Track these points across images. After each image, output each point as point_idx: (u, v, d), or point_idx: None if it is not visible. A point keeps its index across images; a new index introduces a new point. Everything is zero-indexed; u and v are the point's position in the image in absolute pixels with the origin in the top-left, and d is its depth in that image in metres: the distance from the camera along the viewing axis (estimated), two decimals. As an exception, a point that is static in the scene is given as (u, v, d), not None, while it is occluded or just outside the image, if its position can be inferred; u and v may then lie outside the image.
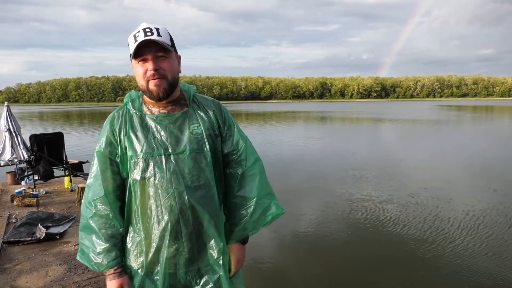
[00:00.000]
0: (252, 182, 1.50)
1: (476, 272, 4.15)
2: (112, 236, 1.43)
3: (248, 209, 1.48)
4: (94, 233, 1.42)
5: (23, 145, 7.00)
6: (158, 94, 1.39)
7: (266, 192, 1.52)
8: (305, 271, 4.35)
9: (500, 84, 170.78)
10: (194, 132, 1.44)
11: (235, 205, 1.50)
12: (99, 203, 1.42)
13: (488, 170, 9.61)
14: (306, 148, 14.06)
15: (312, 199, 7.15)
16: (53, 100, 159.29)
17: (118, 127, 1.44)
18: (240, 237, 1.50)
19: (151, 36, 1.34)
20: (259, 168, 1.54)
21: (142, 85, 1.40)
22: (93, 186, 1.44)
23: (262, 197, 1.49)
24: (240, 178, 1.50)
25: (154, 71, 1.36)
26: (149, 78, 1.37)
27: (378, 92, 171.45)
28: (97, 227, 1.42)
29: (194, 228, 1.41)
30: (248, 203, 1.48)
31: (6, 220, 4.84)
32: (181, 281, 1.44)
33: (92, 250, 1.42)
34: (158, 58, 1.37)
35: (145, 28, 1.36)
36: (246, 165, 1.51)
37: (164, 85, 1.39)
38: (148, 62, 1.37)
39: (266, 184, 1.53)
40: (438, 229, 5.45)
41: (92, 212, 1.42)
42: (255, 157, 1.55)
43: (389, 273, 4.27)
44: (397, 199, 6.99)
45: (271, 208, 1.50)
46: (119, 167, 1.44)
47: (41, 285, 3.21)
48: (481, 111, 45.74)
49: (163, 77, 1.38)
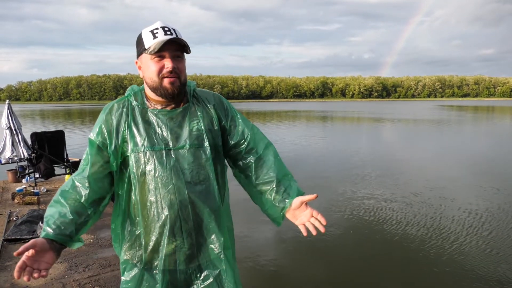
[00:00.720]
0: (267, 167, 1.47)
1: (481, 271, 4.14)
2: (77, 213, 1.34)
3: (272, 191, 1.44)
4: (62, 206, 1.34)
5: (24, 143, 7.01)
6: (173, 91, 1.38)
7: (284, 174, 1.48)
8: (306, 271, 4.34)
9: (501, 84, 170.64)
10: (194, 128, 1.43)
11: (260, 193, 1.47)
12: (79, 182, 1.38)
13: (492, 170, 9.60)
14: (309, 147, 14.05)
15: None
16: (54, 98, 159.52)
17: (117, 119, 1.42)
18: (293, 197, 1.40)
19: (171, 35, 1.34)
20: (272, 152, 1.51)
21: (155, 82, 1.38)
22: (81, 168, 1.42)
23: (281, 179, 1.46)
24: (254, 166, 1.48)
25: (172, 69, 1.35)
26: (165, 75, 1.36)
27: (379, 92, 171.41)
28: (65, 201, 1.35)
29: (194, 224, 1.40)
30: (269, 186, 1.45)
31: (7, 218, 4.84)
32: (181, 277, 1.44)
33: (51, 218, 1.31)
34: (175, 58, 1.37)
35: (163, 27, 1.35)
36: (258, 152, 1.49)
37: (178, 84, 1.38)
38: (165, 60, 1.36)
39: (282, 166, 1.50)
40: (442, 228, 5.44)
41: (67, 187, 1.38)
42: (266, 142, 1.52)
43: (393, 272, 4.26)
44: (401, 198, 6.98)
45: (292, 188, 1.45)
46: (109, 158, 1.41)
47: (42, 283, 3.21)
48: (482, 112, 45.68)
49: (177, 77, 1.38)
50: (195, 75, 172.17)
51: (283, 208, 1.42)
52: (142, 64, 1.41)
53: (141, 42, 1.39)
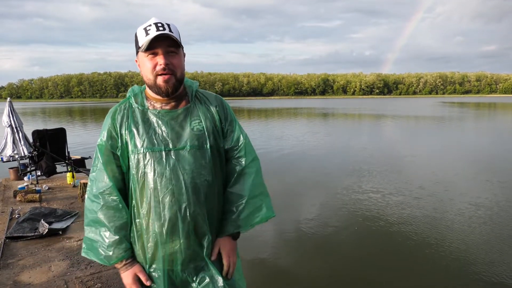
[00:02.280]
0: (246, 180, 1.50)
1: (491, 267, 4.13)
2: (121, 228, 1.41)
3: (239, 206, 1.47)
4: (102, 226, 1.40)
5: (25, 141, 7.01)
6: (167, 89, 1.38)
7: (259, 192, 1.51)
8: (310, 268, 4.33)
9: (503, 81, 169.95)
10: (195, 129, 1.43)
11: (228, 201, 1.50)
12: (107, 195, 1.40)
13: (498, 165, 9.57)
14: (313, 143, 14.03)
15: (319, 193, 7.13)
16: (55, 96, 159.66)
17: (119, 121, 1.43)
18: (228, 232, 1.49)
19: (164, 31, 1.33)
20: (256, 167, 1.54)
21: (150, 79, 1.39)
22: (98, 179, 1.42)
23: (254, 197, 1.49)
24: (236, 175, 1.50)
25: (165, 66, 1.35)
26: (159, 73, 1.36)
27: (380, 89, 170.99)
28: (106, 220, 1.39)
29: (193, 225, 1.40)
30: (239, 200, 1.47)
31: (9, 216, 4.85)
32: (180, 277, 1.44)
33: (101, 244, 1.39)
34: (168, 54, 1.36)
35: (156, 23, 1.34)
36: (244, 162, 1.51)
37: (173, 81, 1.38)
38: (158, 56, 1.35)
39: (260, 184, 1.53)
40: (449, 224, 5.41)
41: (100, 205, 1.40)
42: (253, 156, 1.55)
43: (397, 268, 4.24)
44: (409, 193, 6.97)
45: (261, 209, 1.49)
46: (119, 160, 1.44)
47: (44, 280, 3.22)
48: (484, 108, 45.54)
49: (172, 73, 1.37)
50: (196, 72, 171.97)
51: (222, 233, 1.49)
52: (139, 62, 1.41)
53: (137, 40, 1.38)
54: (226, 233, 1.48)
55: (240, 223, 1.47)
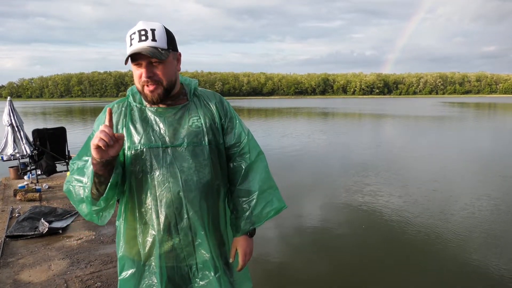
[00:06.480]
0: (255, 176, 1.50)
1: (500, 265, 4.13)
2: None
3: (251, 202, 1.47)
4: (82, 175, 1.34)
5: (25, 140, 7.02)
6: (152, 98, 1.38)
7: (269, 186, 1.51)
8: (313, 267, 4.32)
9: (503, 81, 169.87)
10: (193, 125, 1.42)
11: (238, 199, 1.49)
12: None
13: (500, 164, 9.57)
14: (315, 142, 14.03)
15: (323, 193, 7.14)
16: (55, 95, 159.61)
17: (116, 118, 1.43)
18: (246, 231, 1.49)
19: (145, 41, 1.30)
20: (262, 162, 1.54)
21: (138, 88, 1.40)
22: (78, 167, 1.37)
23: (264, 191, 1.49)
24: (244, 171, 1.50)
25: (148, 79, 1.33)
26: (143, 84, 1.36)
27: (380, 89, 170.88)
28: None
29: (191, 222, 1.39)
30: (250, 196, 1.48)
31: (9, 215, 4.86)
32: (179, 274, 1.44)
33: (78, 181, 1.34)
34: (152, 64, 1.33)
35: (140, 30, 1.32)
36: (250, 158, 1.51)
37: (159, 91, 1.36)
38: (142, 68, 1.34)
39: (268, 178, 1.53)
40: (454, 225, 5.39)
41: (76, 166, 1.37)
42: (258, 151, 1.54)
43: (402, 270, 4.22)
44: (411, 193, 6.96)
45: (273, 202, 1.50)
46: None
47: (44, 279, 3.22)
48: (484, 108, 45.50)
49: (157, 83, 1.35)
50: (196, 72, 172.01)
51: (238, 233, 1.49)
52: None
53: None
54: (243, 232, 1.48)
55: (254, 219, 1.47)
